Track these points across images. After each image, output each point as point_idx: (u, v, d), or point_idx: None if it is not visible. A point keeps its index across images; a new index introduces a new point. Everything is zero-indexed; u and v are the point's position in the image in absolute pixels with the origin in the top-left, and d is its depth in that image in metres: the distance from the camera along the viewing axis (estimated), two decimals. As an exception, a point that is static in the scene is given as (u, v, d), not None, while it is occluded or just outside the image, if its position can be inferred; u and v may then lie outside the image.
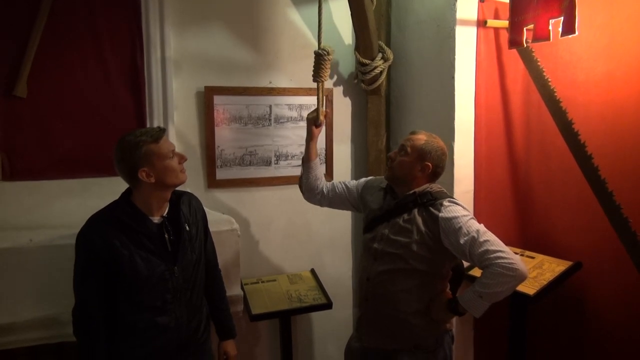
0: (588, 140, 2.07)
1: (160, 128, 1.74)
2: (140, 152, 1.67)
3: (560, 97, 2.16)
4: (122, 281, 1.69)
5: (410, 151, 1.91)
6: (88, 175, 2.33)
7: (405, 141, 1.94)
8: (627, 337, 2.02)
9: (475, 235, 1.76)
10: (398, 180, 1.95)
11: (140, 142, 1.67)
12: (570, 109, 2.13)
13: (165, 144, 1.72)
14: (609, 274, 2.08)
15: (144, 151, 1.67)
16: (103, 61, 2.32)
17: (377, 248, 1.94)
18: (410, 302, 1.90)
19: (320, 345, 2.96)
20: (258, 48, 2.63)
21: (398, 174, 1.93)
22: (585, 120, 2.09)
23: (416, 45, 2.63)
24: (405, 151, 1.91)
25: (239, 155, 2.64)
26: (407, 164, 1.91)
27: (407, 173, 1.92)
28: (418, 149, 1.91)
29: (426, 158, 1.91)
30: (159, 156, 1.69)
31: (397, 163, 1.93)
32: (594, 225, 2.11)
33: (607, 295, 2.10)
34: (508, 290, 1.76)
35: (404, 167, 1.91)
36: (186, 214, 1.86)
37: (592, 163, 2.02)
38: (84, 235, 1.69)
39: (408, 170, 1.92)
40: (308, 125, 2.14)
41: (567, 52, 2.18)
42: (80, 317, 1.69)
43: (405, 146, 1.92)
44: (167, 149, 1.72)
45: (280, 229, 2.79)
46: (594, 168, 2.02)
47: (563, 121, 2.12)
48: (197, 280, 1.86)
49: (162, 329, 1.74)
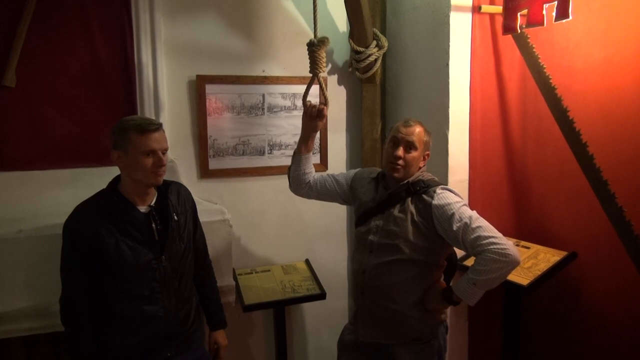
0: (583, 129, 2.03)
1: (155, 123, 1.72)
2: (123, 135, 1.68)
3: (555, 84, 2.12)
4: (108, 270, 1.69)
5: (418, 145, 1.89)
6: (79, 165, 2.32)
7: (409, 137, 1.88)
8: (622, 327, 2.00)
9: (468, 221, 1.75)
10: (409, 176, 1.91)
11: (127, 127, 1.67)
12: (566, 97, 2.09)
13: (149, 140, 1.68)
14: (604, 264, 2.05)
15: (126, 136, 1.67)
16: (93, 50, 2.30)
17: (373, 240, 1.92)
18: (408, 294, 1.88)
19: (314, 336, 2.95)
20: (251, 36, 2.60)
21: (411, 171, 1.90)
22: (581, 108, 2.05)
23: (411, 32, 2.59)
24: (414, 147, 1.88)
25: (232, 145, 2.62)
26: (417, 159, 1.90)
27: (416, 167, 1.92)
28: (423, 142, 1.91)
29: (428, 147, 1.94)
30: (135, 147, 1.67)
31: (409, 160, 1.88)
32: (590, 215, 2.08)
33: (602, 286, 2.07)
34: (501, 277, 1.73)
35: (414, 163, 1.90)
36: (174, 204, 1.84)
37: (587, 151, 1.98)
38: (70, 224, 1.68)
39: (417, 164, 1.91)
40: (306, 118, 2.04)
41: (563, 38, 2.13)
42: (66, 306, 1.69)
43: (413, 142, 1.88)
44: (146, 145, 1.68)
45: (274, 219, 2.77)
46: (588, 156, 1.98)
47: (558, 109, 2.08)
48: (185, 270, 1.85)
49: (150, 317, 1.74)
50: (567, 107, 2.06)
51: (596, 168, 1.96)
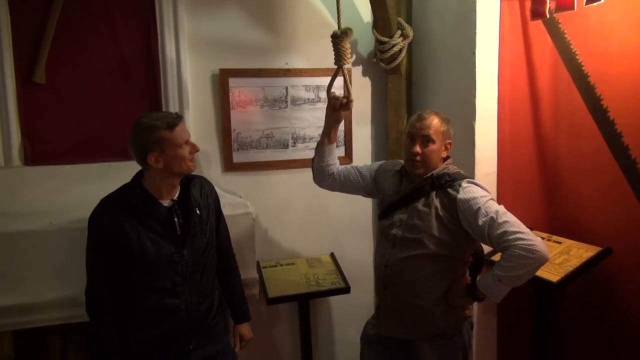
0: (618, 118, 1.92)
1: (178, 115, 1.74)
2: (153, 136, 1.67)
3: (588, 70, 2.01)
4: (131, 263, 1.72)
5: (436, 137, 1.84)
6: (106, 159, 2.37)
7: (424, 130, 1.83)
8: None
9: (494, 216, 1.69)
10: (431, 170, 1.87)
11: (155, 127, 1.68)
12: (600, 84, 1.98)
13: (181, 132, 1.72)
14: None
15: (156, 136, 1.67)
16: (118, 46, 2.34)
17: (396, 234, 1.89)
18: (431, 289, 1.85)
19: (340, 329, 2.94)
20: (273, 28, 2.58)
21: (430, 165, 1.86)
22: (616, 96, 1.94)
23: (437, 21, 2.52)
24: (431, 140, 1.83)
25: (256, 138, 2.62)
26: (437, 151, 1.85)
27: (436, 160, 1.87)
28: (440, 131, 1.85)
29: (447, 136, 1.88)
30: (170, 144, 1.69)
31: (428, 154, 1.84)
32: (625, 209, 1.97)
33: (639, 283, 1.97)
34: (528, 274, 1.68)
35: (433, 156, 1.85)
36: (197, 198, 1.86)
37: (621, 142, 1.88)
38: (94, 218, 1.72)
39: (437, 156, 1.86)
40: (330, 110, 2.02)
41: (598, 23, 2.02)
42: (91, 298, 1.74)
43: (429, 135, 1.83)
44: (181, 138, 1.72)
45: (298, 213, 2.77)
46: (623, 147, 1.88)
47: (591, 97, 1.98)
48: (207, 264, 1.86)
49: (172, 311, 1.76)
50: (600, 95, 1.96)
51: (632, 160, 1.86)
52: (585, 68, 2.01)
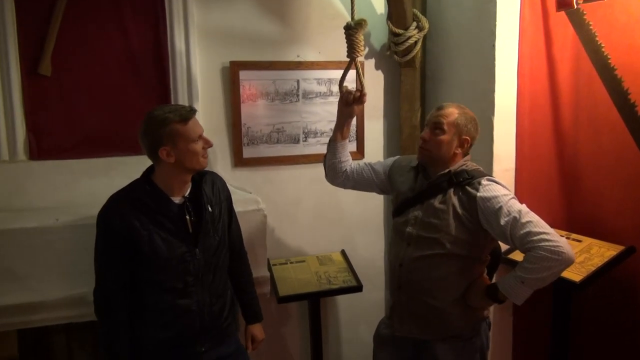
0: (646, 112, 1.86)
1: (192, 108, 1.67)
2: (165, 130, 1.61)
3: (614, 64, 1.94)
4: (142, 262, 1.66)
5: (447, 128, 1.77)
6: (113, 154, 2.31)
7: (436, 117, 1.79)
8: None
9: (517, 215, 1.63)
10: (436, 161, 1.81)
11: (167, 120, 1.61)
12: (627, 77, 1.91)
13: (194, 126, 1.66)
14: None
15: (168, 130, 1.61)
16: (126, 38, 2.26)
17: (411, 232, 1.83)
18: (448, 290, 1.79)
19: (351, 328, 2.89)
20: (285, 20, 2.51)
21: (436, 155, 1.79)
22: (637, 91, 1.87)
23: (454, 12, 2.44)
24: (441, 129, 1.77)
25: (266, 132, 2.55)
26: (445, 142, 1.77)
27: (446, 152, 1.79)
28: (455, 124, 1.77)
29: (464, 132, 1.79)
30: (183, 138, 1.63)
31: (434, 143, 1.78)
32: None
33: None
34: (553, 276, 1.62)
35: (441, 146, 1.78)
36: (209, 195, 1.79)
37: (650, 138, 1.82)
38: (104, 215, 1.65)
39: (446, 149, 1.78)
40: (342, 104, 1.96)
41: (623, 14, 1.95)
42: (100, 298, 1.67)
43: (440, 123, 1.77)
44: (194, 132, 1.65)
45: (309, 209, 2.70)
46: (652, 144, 1.82)
47: (618, 91, 1.91)
48: (219, 263, 1.80)
49: (184, 311, 1.71)
50: (628, 89, 1.89)
51: (661, 157, 1.80)
52: (611, 61, 1.94)
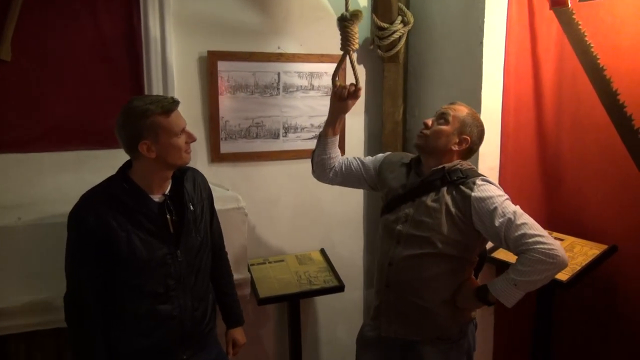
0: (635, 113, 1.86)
1: (174, 99, 1.56)
2: (146, 122, 1.49)
3: (604, 64, 1.94)
4: (119, 265, 1.53)
5: (452, 120, 1.74)
6: (82, 147, 2.14)
7: (445, 109, 1.77)
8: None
9: (512, 217, 1.61)
10: (430, 150, 1.77)
11: (149, 111, 1.48)
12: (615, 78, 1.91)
13: (177, 119, 1.55)
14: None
15: (150, 122, 1.49)
16: (96, 21, 2.09)
17: (401, 230, 1.77)
18: (438, 290, 1.75)
19: (328, 328, 2.82)
20: (266, 9, 2.40)
21: (432, 144, 1.75)
22: (629, 91, 1.89)
23: (439, 7, 2.40)
24: (446, 119, 1.74)
25: (245, 127, 2.44)
26: (445, 134, 1.74)
27: (443, 144, 1.75)
28: (460, 120, 1.75)
29: (466, 131, 1.75)
30: (166, 131, 1.51)
31: (434, 131, 1.75)
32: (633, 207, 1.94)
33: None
34: (546, 279, 1.61)
35: (441, 136, 1.74)
36: (190, 193, 1.68)
37: (639, 138, 1.83)
38: (77, 215, 1.51)
39: (445, 141, 1.74)
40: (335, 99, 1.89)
41: (609, 15, 1.96)
42: (73, 305, 1.54)
43: (446, 114, 1.75)
44: (177, 125, 1.54)
45: (288, 207, 2.62)
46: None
47: (607, 91, 1.92)
48: (202, 264, 1.69)
49: (164, 318, 1.59)
50: (617, 90, 1.90)
51: (649, 157, 1.82)
52: (600, 61, 1.95)
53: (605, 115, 1.96)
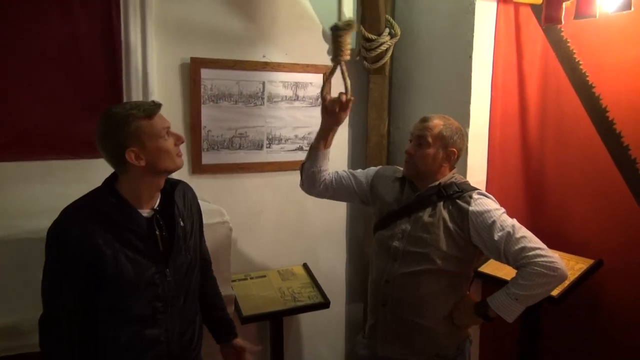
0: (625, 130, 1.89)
1: (155, 102, 1.44)
2: (130, 128, 1.37)
3: (592, 81, 1.97)
4: (103, 287, 1.40)
5: (432, 141, 1.70)
6: (52, 157, 1.99)
7: (420, 131, 1.72)
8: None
9: (511, 230, 1.60)
10: (423, 175, 1.75)
11: (130, 117, 1.37)
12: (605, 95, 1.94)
13: (160, 120, 1.43)
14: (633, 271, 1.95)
15: (134, 127, 1.37)
16: (71, 24, 1.98)
17: (398, 247, 1.73)
18: (437, 308, 1.72)
19: (310, 344, 2.74)
20: (251, 16, 2.33)
21: (422, 169, 1.73)
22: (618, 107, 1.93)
23: (425, 20, 2.41)
24: (426, 142, 1.70)
25: (228, 137, 2.35)
26: (432, 156, 1.71)
27: (432, 165, 1.72)
28: (439, 136, 1.71)
29: (449, 144, 1.72)
30: (150, 135, 1.40)
31: (420, 157, 1.71)
32: (618, 221, 1.97)
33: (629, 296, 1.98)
34: (546, 293, 1.61)
35: (427, 159, 1.71)
36: (180, 207, 1.57)
37: (629, 155, 1.87)
38: (59, 230, 1.37)
39: (432, 162, 1.72)
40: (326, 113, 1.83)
41: (594, 35, 2.01)
42: (49, 327, 1.39)
43: (424, 137, 1.71)
44: (160, 126, 1.43)
45: (271, 220, 2.53)
46: (630, 160, 1.87)
47: (596, 109, 1.96)
48: (191, 285, 1.58)
49: (150, 344, 1.46)
50: (606, 107, 1.94)
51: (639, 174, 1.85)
52: (589, 78, 1.99)
53: (590, 131, 2.00)
